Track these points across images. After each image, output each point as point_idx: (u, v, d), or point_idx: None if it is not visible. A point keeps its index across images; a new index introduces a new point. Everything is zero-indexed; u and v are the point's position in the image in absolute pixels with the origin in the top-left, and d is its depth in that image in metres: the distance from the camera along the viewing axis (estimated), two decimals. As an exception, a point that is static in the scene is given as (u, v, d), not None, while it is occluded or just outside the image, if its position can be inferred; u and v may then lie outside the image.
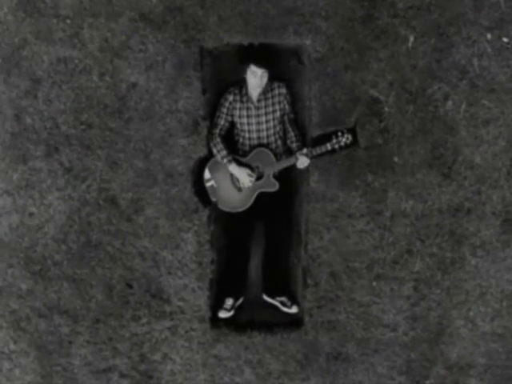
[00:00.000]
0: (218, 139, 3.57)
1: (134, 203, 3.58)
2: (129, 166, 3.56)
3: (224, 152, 3.55)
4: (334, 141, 3.46)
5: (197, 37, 3.47)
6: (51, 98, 3.51)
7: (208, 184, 3.63)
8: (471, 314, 3.61)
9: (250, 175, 3.59)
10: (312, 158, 3.51)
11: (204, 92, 3.55)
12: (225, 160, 3.56)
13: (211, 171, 3.62)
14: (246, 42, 3.49)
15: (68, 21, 3.46)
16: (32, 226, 3.59)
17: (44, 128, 3.53)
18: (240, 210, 3.63)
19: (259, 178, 3.62)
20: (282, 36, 3.46)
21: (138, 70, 3.49)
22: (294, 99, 3.70)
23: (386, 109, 3.49)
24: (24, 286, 3.63)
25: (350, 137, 3.46)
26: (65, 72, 3.49)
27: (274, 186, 3.62)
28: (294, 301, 3.78)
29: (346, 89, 3.48)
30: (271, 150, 3.62)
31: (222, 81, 3.70)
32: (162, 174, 3.56)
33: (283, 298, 3.76)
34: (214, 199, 3.62)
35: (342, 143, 3.47)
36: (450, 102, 3.48)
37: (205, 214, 3.60)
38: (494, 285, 3.59)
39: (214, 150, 3.58)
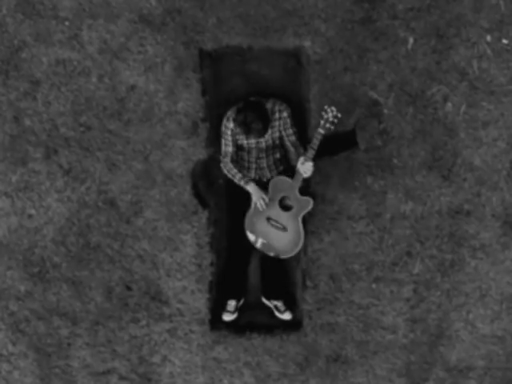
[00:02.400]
0: (231, 165, 3.49)
1: (133, 205, 3.57)
2: (128, 168, 3.55)
3: (239, 175, 3.47)
4: (322, 122, 3.23)
5: (196, 38, 3.47)
6: (50, 100, 3.51)
7: (258, 244, 3.51)
8: (471, 316, 3.61)
9: (263, 198, 3.43)
10: (315, 156, 3.33)
11: (203, 94, 3.54)
12: (242, 182, 3.46)
13: (251, 230, 3.50)
14: (245, 44, 3.48)
15: (67, 23, 3.46)
16: (31, 228, 3.59)
17: (43, 130, 3.53)
18: (300, 244, 3.45)
19: (289, 208, 3.43)
20: (281, 38, 3.46)
21: (137, 71, 3.49)
22: (293, 100, 3.66)
23: (386, 111, 3.49)
24: (23, 288, 3.62)
25: (334, 109, 3.21)
26: (64, 74, 3.49)
27: (308, 203, 3.40)
28: (290, 307, 3.73)
29: (345, 91, 3.47)
30: (279, 174, 3.49)
31: (222, 83, 3.70)
32: (161, 176, 3.56)
33: (278, 303, 3.72)
34: (271, 254, 3.50)
35: (331, 118, 3.21)
36: (449, 104, 3.48)
37: (204, 216, 3.59)
38: (494, 287, 3.58)
39: (230, 176, 3.49)
